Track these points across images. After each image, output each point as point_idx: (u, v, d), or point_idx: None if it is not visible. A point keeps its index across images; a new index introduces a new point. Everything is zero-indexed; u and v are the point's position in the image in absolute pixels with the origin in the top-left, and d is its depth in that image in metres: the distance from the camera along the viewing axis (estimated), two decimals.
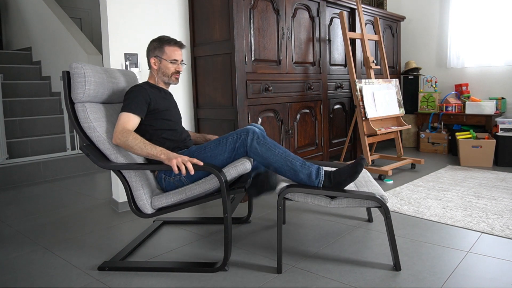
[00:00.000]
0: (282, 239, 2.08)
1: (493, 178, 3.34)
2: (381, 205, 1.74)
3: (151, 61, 2.11)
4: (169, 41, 2.10)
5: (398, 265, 1.76)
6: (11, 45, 6.04)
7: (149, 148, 1.81)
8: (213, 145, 1.93)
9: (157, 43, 2.11)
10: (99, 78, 1.93)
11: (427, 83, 4.75)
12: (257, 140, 1.86)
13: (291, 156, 1.87)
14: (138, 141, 1.81)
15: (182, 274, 1.78)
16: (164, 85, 2.17)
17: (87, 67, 1.88)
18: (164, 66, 2.10)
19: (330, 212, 2.58)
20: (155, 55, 2.10)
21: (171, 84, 2.19)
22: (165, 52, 2.09)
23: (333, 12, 3.75)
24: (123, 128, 1.85)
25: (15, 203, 3.03)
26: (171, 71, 2.11)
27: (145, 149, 1.80)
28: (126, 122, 1.88)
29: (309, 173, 1.84)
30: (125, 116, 1.90)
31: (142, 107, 1.95)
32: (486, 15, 4.45)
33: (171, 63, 2.10)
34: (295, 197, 1.82)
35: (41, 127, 4.40)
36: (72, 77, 1.85)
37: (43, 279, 1.78)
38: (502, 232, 2.15)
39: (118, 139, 1.82)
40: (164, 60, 2.09)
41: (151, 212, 1.89)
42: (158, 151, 1.80)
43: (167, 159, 1.79)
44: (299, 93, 3.34)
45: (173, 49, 2.10)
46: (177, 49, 2.12)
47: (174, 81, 2.15)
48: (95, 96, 1.92)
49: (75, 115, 1.87)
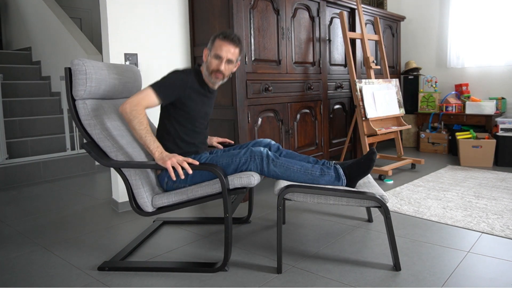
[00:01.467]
0: (282, 239, 2.09)
1: (493, 178, 3.34)
2: (381, 205, 1.73)
3: (204, 52, 2.00)
4: (221, 34, 1.93)
5: (398, 265, 1.76)
6: (11, 45, 6.04)
7: (148, 139, 1.76)
8: (224, 162, 1.89)
9: (213, 37, 1.96)
10: (101, 75, 1.92)
11: (427, 83, 4.75)
12: (273, 163, 1.86)
13: (309, 168, 1.88)
14: (143, 127, 1.76)
15: (182, 274, 1.78)
16: (209, 81, 2.01)
17: (89, 63, 1.87)
18: (210, 60, 1.95)
19: (330, 212, 2.58)
20: (208, 46, 1.98)
21: (216, 83, 2.01)
22: (214, 45, 1.94)
23: (333, 12, 3.75)
24: (138, 103, 1.78)
25: (15, 203, 3.03)
26: (212, 67, 1.94)
27: (144, 138, 1.76)
28: (143, 98, 1.81)
29: (331, 179, 1.87)
30: (147, 93, 1.83)
31: (170, 93, 1.87)
32: (486, 15, 4.45)
33: (214, 58, 1.93)
34: (294, 197, 1.82)
35: (41, 127, 4.39)
36: (74, 74, 1.84)
37: (43, 279, 1.78)
38: (502, 232, 2.15)
39: (126, 112, 1.77)
40: (212, 53, 1.94)
41: (152, 211, 1.89)
42: (154, 147, 1.76)
43: (161, 159, 1.74)
44: (299, 93, 3.34)
45: (221, 43, 1.92)
46: (226, 44, 1.92)
47: (213, 79, 1.97)
48: (96, 92, 1.91)
49: (77, 112, 1.87)
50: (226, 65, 1.95)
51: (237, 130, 2.81)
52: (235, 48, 1.95)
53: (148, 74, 2.82)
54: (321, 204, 2.70)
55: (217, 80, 1.99)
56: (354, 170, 1.88)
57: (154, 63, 2.89)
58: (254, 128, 2.95)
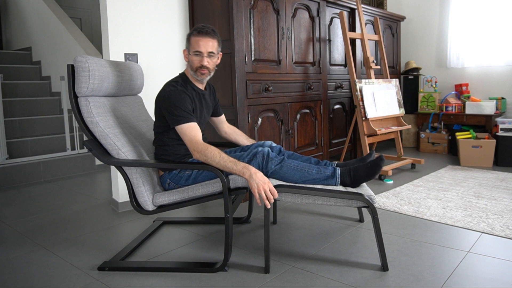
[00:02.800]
0: (272, 240, 2.13)
1: (493, 178, 3.34)
2: (368, 205, 1.74)
3: (183, 53, 1.98)
4: (195, 30, 1.91)
5: (386, 266, 1.75)
6: (11, 45, 6.04)
7: (229, 166, 1.73)
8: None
9: (188, 34, 1.94)
10: (104, 72, 1.91)
11: (427, 83, 4.75)
12: (271, 161, 1.86)
13: (305, 166, 1.89)
14: (217, 157, 1.74)
15: (182, 274, 1.78)
16: (196, 81, 2.00)
17: (92, 60, 1.86)
18: (190, 59, 1.93)
19: (330, 213, 2.58)
20: (186, 46, 1.96)
21: (204, 80, 2.00)
22: (191, 43, 1.91)
23: (333, 12, 3.75)
24: (195, 143, 1.78)
25: (15, 203, 3.03)
26: (195, 64, 1.92)
27: (227, 167, 1.73)
28: (192, 135, 1.80)
29: (325, 176, 1.88)
30: (187, 129, 1.81)
31: (191, 111, 1.87)
32: (486, 15, 4.45)
33: (195, 56, 1.91)
34: (282, 197, 1.80)
35: (41, 127, 4.40)
36: (76, 71, 1.83)
37: (43, 279, 1.78)
38: (502, 232, 2.15)
39: (202, 159, 1.77)
40: (191, 51, 1.92)
41: (152, 209, 1.89)
42: (240, 169, 1.72)
43: (252, 180, 1.70)
44: (299, 93, 3.34)
45: (197, 39, 1.89)
46: (202, 38, 1.88)
47: (199, 76, 1.95)
48: (99, 90, 1.90)
49: (79, 109, 1.86)
50: (208, 59, 1.93)
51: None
52: (213, 41, 1.92)
53: (148, 74, 2.83)
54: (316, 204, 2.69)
55: (204, 77, 1.97)
56: (360, 172, 1.89)
57: (154, 63, 2.89)
58: (254, 128, 2.95)
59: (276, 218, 2.45)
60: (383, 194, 2.93)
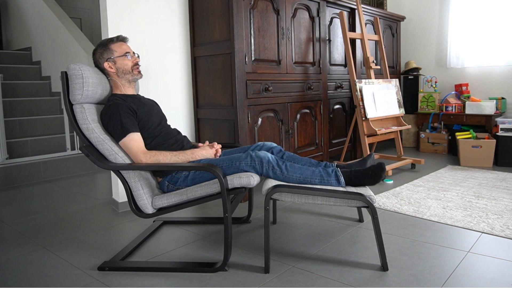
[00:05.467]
0: (273, 240, 2.12)
1: (493, 178, 3.34)
2: (368, 205, 1.74)
3: (105, 67, 1.98)
4: (112, 39, 2.01)
5: (386, 266, 1.75)
6: (11, 45, 6.04)
7: (181, 158, 1.92)
8: (224, 165, 1.90)
9: (102, 48, 2.00)
10: (97, 79, 1.93)
11: (427, 83, 4.75)
12: (273, 171, 1.89)
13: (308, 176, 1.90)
14: (167, 158, 1.89)
15: (182, 274, 1.78)
16: (131, 88, 2.06)
17: (85, 68, 1.89)
18: (120, 64, 1.99)
19: (330, 213, 2.58)
20: (106, 59, 1.98)
21: (136, 81, 2.09)
22: (114, 50, 1.99)
23: (333, 12, 3.75)
24: (137, 151, 1.85)
25: (15, 203, 3.03)
26: (130, 65, 2.00)
27: (179, 161, 1.92)
28: (134, 146, 1.86)
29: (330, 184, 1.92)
30: (130, 141, 1.85)
31: (134, 121, 1.90)
32: (486, 15, 4.45)
33: (124, 57, 1.99)
34: (282, 197, 1.81)
35: (41, 127, 4.39)
36: (70, 78, 1.86)
37: (43, 279, 1.78)
38: (502, 232, 2.15)
39: (146, 165, 1.84)
40: (118, 57, 1.98)
41: (152, 212, 1.89)
42: (189, 156, 1.93)
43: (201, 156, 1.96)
44: (299, 93, 3.34)
45: (119, 44, 2.01)
46: (123, 43, 2.03)
47: (137, 75, 2.04)
48: (93, 97, 1.92)
49: (74, 117, 1.88)
50: (136, 57, 2.05)
51: (237, 130, 2.81)
52: (128, 44, 2.07)
53: (148, 74, 2.83)
54: (316, 204, 2.70)
55: (140, 75, 2.06)
56: (361, 179, 1.91)
57: (154, 63, 2.89)
58: (254, 128, 2.96)
59: (276, 218, 2.45)
60: (383, 194, 2.93)
